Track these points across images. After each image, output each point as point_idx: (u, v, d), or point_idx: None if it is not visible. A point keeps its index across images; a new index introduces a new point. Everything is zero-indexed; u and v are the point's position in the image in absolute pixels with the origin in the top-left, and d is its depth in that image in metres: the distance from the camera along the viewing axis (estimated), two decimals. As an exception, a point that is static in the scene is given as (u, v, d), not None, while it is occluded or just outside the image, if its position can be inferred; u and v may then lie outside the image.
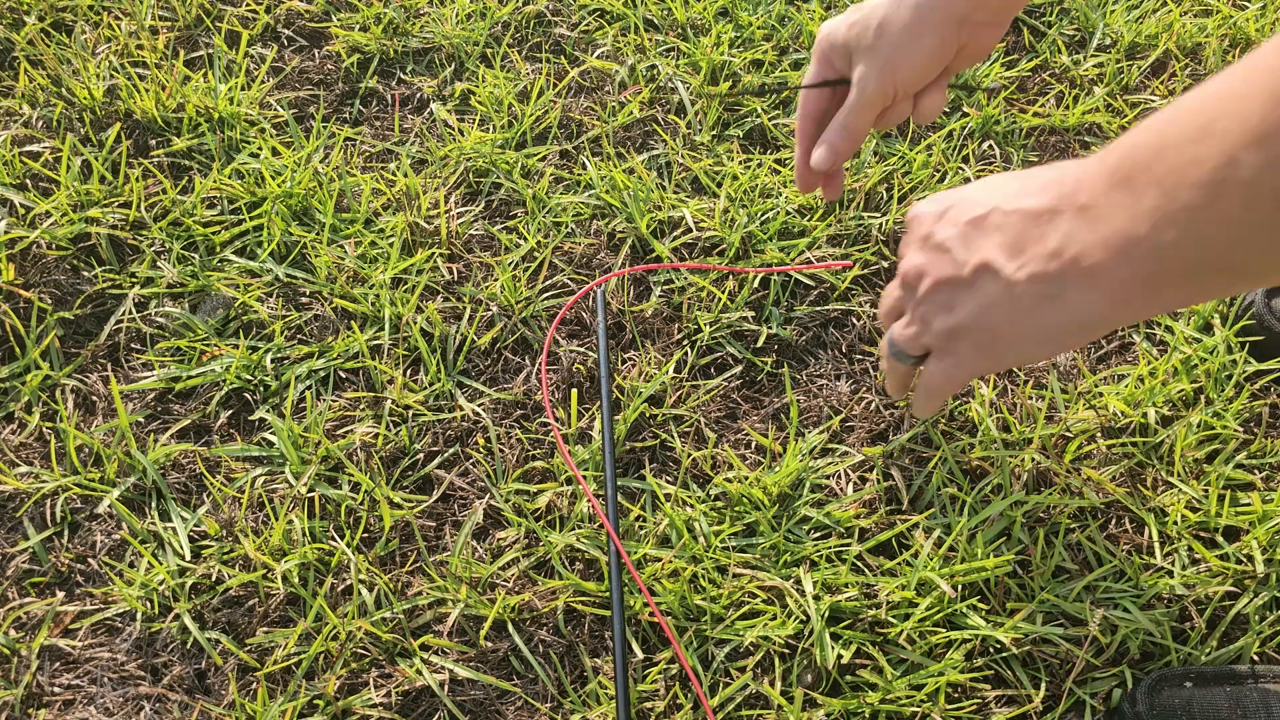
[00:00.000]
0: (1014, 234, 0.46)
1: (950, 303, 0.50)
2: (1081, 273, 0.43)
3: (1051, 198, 0.45)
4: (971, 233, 0.48)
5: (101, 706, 0.69)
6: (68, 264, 0.89)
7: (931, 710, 0.68)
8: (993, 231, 0.47)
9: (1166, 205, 0.39)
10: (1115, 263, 0.42)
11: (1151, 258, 0.41)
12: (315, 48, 1.08)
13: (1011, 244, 0.46)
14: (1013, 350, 0.49)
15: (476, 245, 0.93)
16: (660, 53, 1.07)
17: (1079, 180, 0.43)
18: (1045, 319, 0.46)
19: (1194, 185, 0.38)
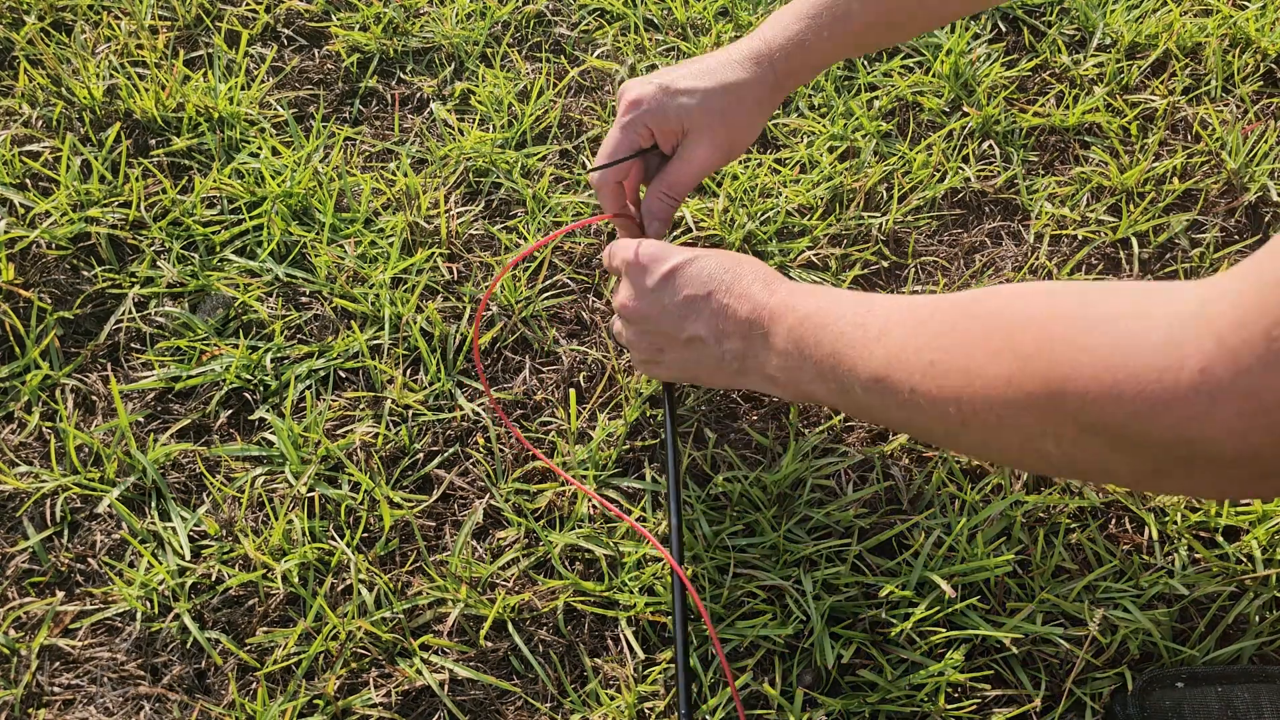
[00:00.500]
0: (721, 326, 0.63)
1: (662, 347, 0.68)
2: (762, 374, 0.63)
3: (752, 315, 0.62)
4: (688, 310, 0.64)
5: (101, 706, 0.69)
6: (67, 264, 0.89)
7: (931, 710, 0.68)
8: (706, 315, 0.64)
9: (816, 381, 0.58)
10: (783, 380, 0.61)
11: (806, 394, 0.61)
12: (315, 47, 1.08)
13: (719, 332, 0.63)
14: (705, 384, 0.71)
15: (476, 245, 0.92)
16: (660, 52, 1.07)
17: (773, 316, 0.60)
18: (734, 380, 0.66)
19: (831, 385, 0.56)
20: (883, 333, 0.52)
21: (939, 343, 0.48)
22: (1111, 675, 0.70)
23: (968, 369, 0.45)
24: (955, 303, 0.50)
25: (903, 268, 0.92)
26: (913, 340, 0.50)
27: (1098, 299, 0.41)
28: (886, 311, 0.53)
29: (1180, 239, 0.95)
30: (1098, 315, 0.40)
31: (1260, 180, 0.97)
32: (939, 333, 0.49)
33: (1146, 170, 0.98)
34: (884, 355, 0.51)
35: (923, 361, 0.48)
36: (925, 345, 0.49)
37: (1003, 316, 0.46)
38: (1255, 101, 1.05)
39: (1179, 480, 0.42)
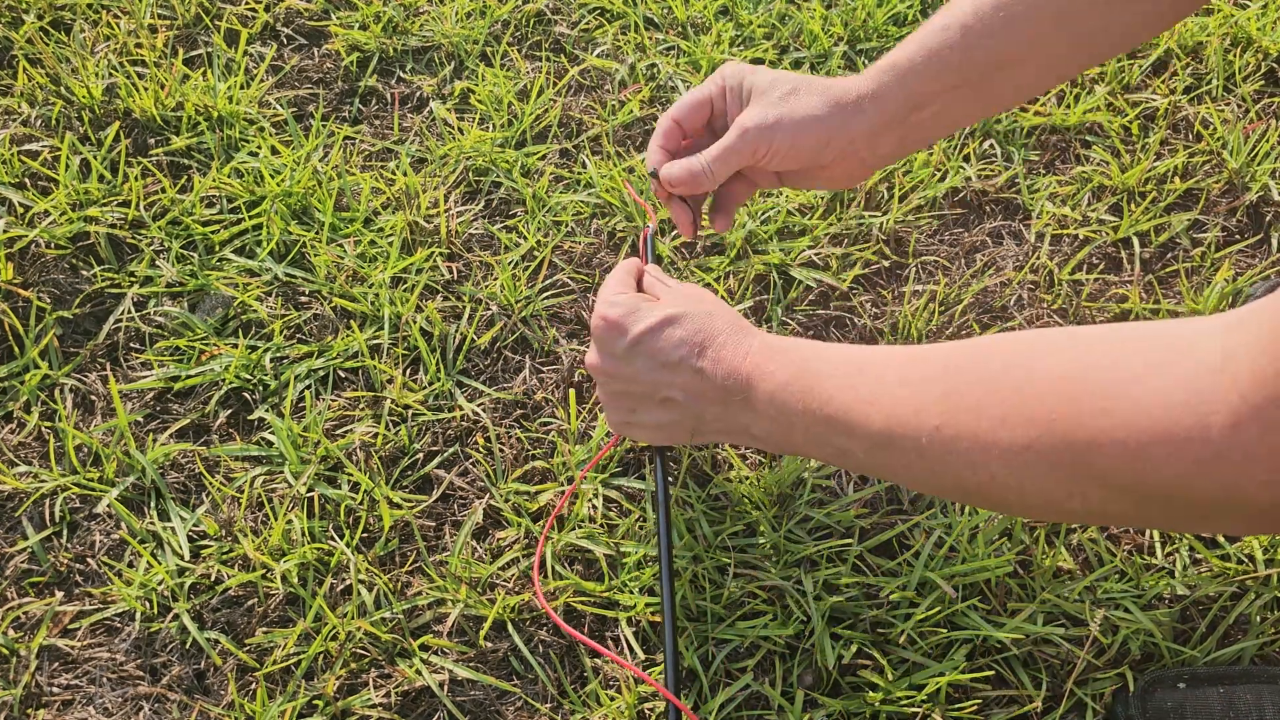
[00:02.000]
0: (698, 390, 0.61)
1: (634, 408, 0.65)
2: (747, 434, 0.62)
3: (728, 380, 0.60)
4: (662, 374, 0.62)
5: (100, 706, 0.69)
6: (66, 263, 0.89)
7: (932, 710, 0.68)
8: (681, 380, 0.62)
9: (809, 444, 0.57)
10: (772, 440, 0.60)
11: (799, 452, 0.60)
12: (314, 46, 1.07)
13: (696, 396, 0.62)
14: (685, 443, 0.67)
15: (476, 244, 0.92)
16: (660, 51, 1.07)
17: (750, 381, 0.59)
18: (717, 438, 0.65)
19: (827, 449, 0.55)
20: (875, 397, 0.50)
21: (941, 407, 0.46)
22: (1113, 676, 0.70)
23: (978, 436, 0.44)
24: (951, 362, 0.48)
25: (903, 267, 0.92)
26: (912, 404, 0.48)
27: (1109, 353, 0.40)
28: (878, 371, 0.52)
29: (1181, 238, 0.95)
30: (1115, 375, 0.39)
31: (1261, 180, 0.97)
32: (940, 396, 0.47)
33: (1148, 170, 0.97)
34: (883, 420, 0.49)
35: (928, 427, 0.46)
36: (927, 409, 0.47)
37: (1007, 380, 0.44)
38: (1256, 101, 1.04)
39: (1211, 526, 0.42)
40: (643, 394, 0.64)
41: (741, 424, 0.61)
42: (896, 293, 0.91)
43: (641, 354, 0.62)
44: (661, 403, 0.63)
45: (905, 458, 0.49)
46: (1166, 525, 0.43)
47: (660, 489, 0.68)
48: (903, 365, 0.51)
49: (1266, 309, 0.35)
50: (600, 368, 0.65)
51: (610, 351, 0.63)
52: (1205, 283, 0.91)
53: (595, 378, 0.66)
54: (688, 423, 0.64)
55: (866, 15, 1.07)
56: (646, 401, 0.64)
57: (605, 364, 0.64)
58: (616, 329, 0.63)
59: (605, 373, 0.64)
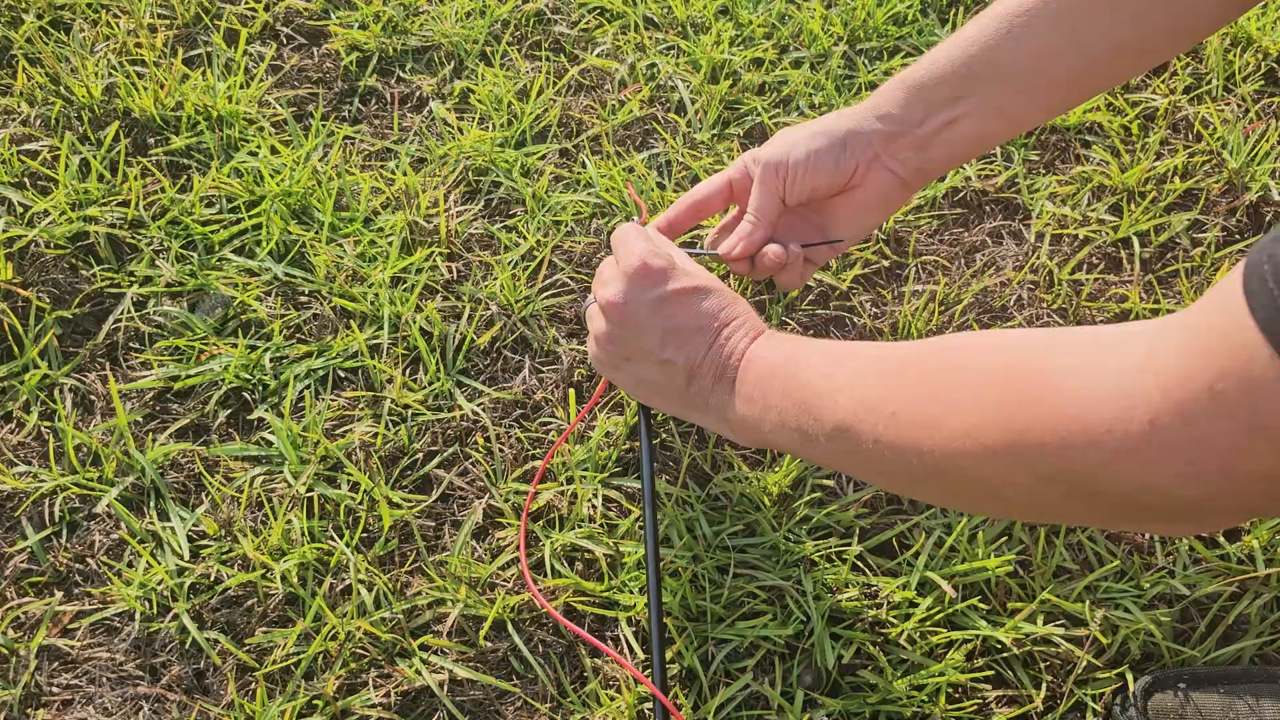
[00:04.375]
0: (700, 364, 0.63)
1: (629, 356, 0.67)
2: (720, 416, 0.63)
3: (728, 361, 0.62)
4: (675, 336, 0.64)
5: (100, 706, 0.69)
6: (66, 263, 0.89)
7: (932, 710, 0.68)
8: (689, 349, 0.63)
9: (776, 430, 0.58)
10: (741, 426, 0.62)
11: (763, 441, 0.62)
12: (314, 46, 1.07)
13: (694, 368, 0.64)
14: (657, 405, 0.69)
15: (476, 244, 0.92)
16: (660, 51, 1.07)
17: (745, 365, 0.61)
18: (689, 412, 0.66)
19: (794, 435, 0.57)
20: (847, 384, 0.53)
21: (901, 395, 0.49)
22: (1113, 675, 0.70)
23: (928, 422, 0.46)
24: (916, 355, 0.51)
25: (903, 267, 0.92)
26: (875, 392, 0.50)
27: (1052, 352, 0.42)
28: (853, 364, 0.54)
29: (1181, 238, 0.94)
30: (1052, 369, 0.41)
31: (1261, 180, 0.97)
32: (900, 385, 0.49)
33: (1147, 169, 0.97)
34: (848, 406, 0.51)
35: (885, 413, 0.49)
36: (887, 397, 0.49)
37: (962, 371, 0.46)
38: (1256, 101, 1.04)
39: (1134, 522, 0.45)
40: (647, 347, 0.65)
41: (719, 402, 0.63)
42: (896, 292, 0.91)
43: (666, 311, 0.64)
44: (660, 362, 0.64)
45: (860, 446, 0.51)
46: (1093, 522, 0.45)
47: (645, 446, 0.70)
48: (873, 359, 0.53)
49: (1193, 315, 0.36)
50: (621, 307, 0.65)
51: (638, 296, 0.64)
52: (1205, 282, 0.91)
53: (608, 314, 0.66)
54: (673, 388, 0.65)
55: (866, 15, 1.07)
56: (646, 356, 0.65)
57: (629, 306, 0.64)
58: (654, 277, 0.64)
59: (623, 314, 0.65)
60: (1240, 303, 0.33)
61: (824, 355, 0.56)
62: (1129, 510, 0.41)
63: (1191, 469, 0.35)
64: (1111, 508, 0.41)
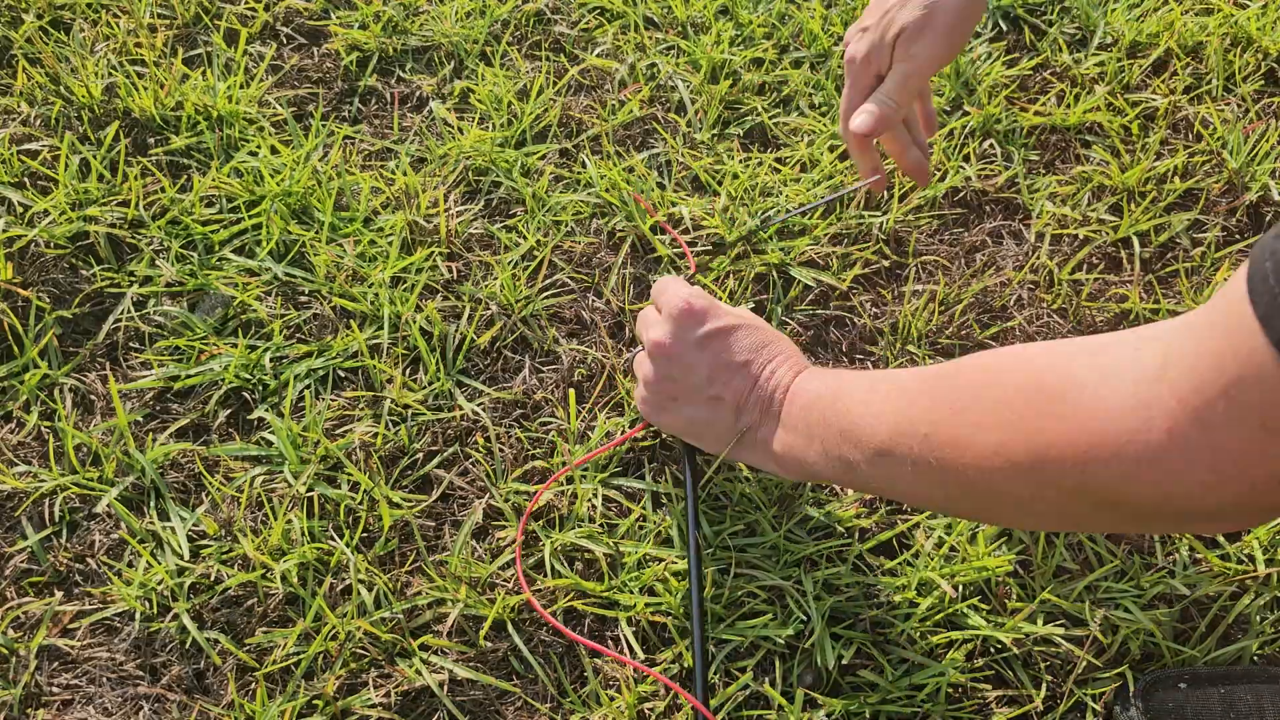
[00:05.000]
0: (746, 398, 0.66)
1: (676, 396, 0.69)
2: (766, 449, 0.65)
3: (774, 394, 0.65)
4: (722, 372, 0.66)
5: (100, 706, 0.69)
6: (66, 262, 0.89)
7: (932, 711, 0.68)
8: (736, 383, 0.66)
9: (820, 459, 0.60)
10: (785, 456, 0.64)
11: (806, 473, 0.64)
12: (314, 46, 1.07)
13: (740, 403, 0.66)
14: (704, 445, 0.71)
15: (476, 244, 0.92)
16: (660, 51, 1.07)
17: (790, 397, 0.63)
18: (735, 450, 0.68)
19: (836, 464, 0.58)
20: (883, 410, 0.54)
21: (931, 416, 0.50)
22: (1113, 675, 0.70)
23: (958, 441, 0.47)
24: (945, 375, 0.52)
25: (903, 267, 0.92)
26: (908, 413, 0.52)
27: (1072, 365, 0.43)
28: (888, 388, 0.55)
29: (1181, 238, 0.94)
30: (1072, 383, 0.41)
31: (1261, 180, 0.97)
32: (930, 406, 0.50)
33: (1148, 169, 0.97)
34: (886, 432, 0.53)
35: (918, 435, 0.50)
36: (919, 418, 0.50)
37: (987, 388, 0.47)
38: (1256, 101, 1.04)
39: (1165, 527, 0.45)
40: (694, 386, 0.67)
41: (765, 436, 0.65)
42: (896, 292, 0.91)
43: (711, 347, 0.66)
44: (708, 400, 0.67)
45: (900, 468, 0.52)
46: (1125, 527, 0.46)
47: (690, 488, 0.71)
48: (907, 381, 0.54)
49: (1200, 318, 0.36)
50: (668, 348, 0.67)
51: (683, 336, 0.67)
52: (1205, 282, 0.91)
53: (655, 356, 0.68)
54: (722, 424, 0.67)
55: (866, 15, 1.07)
56: (694, 395, 0.67)
57: (674, 346, 0.67)
58: (696, 317, 0.67)
59: (670, 354, 0.67)
60: (1245, 303, 0.33)
61: (863, 382, 0.58)
62: (1157, 517, 0.41)
63: (1213, 476, 0.35)
64: (1139, 516, 0.41)
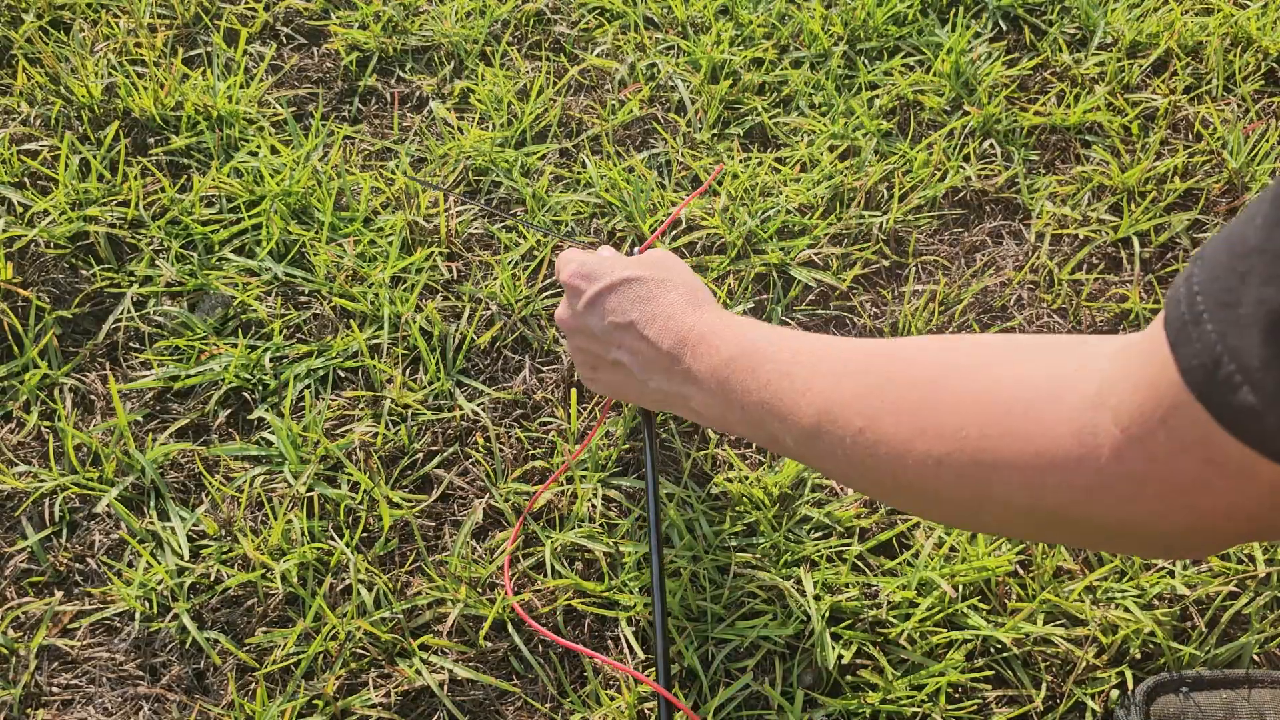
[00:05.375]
0: (644, 358, 0.62)
1: (594, 365, 0.68)
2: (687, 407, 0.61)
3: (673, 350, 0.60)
4: (612, 335, 0.64)
5: (100, 706, 0.69)
6: (66, 262, 0.89)
7: (932, 710, 0.68)
8: (628, 345, 0.63)
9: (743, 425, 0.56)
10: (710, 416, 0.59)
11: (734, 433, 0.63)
12: (314, 46, 1.07)
13: (641, 364, 0.63)
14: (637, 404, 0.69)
15: (476, 244, 0.92)
16: (660, 51, 1.07)
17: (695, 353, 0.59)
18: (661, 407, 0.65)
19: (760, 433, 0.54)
20: (808, 386, 0.50)
21: (864, 407, 0.46)
22: (1112, 675, 0.70)
23: (894, 440, 0.44)
24: (879, 362, 0.48)
25: (903, 267, 0.92)
26: (839, 397, 0.48)
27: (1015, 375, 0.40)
28: (813, 359, 0.51)
29: (1181, 238, 0.94)
30: (1015, 399, 0.39)
31: (1262, 179, 0.96)
32: (863, 395, 0.47)
33: (1148, 169, 0.97)
34: (813, 412, 0.49)
35: (852, 427, 0.47)
36: (852, 407, 0.47)
37: (929, 388, 0.44)
38: (1256, 101, 1.04)
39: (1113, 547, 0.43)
40: (598, 353, 0.66)
41: (682, 394, 0.60)
42: (896, 292, 0.91)
43: (596, 311, 0.65)
44: (613, 365, 0.65)
45: (831, 454, 0.48)
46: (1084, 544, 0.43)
47: (649, 450, 0.70)
48: (837, 357, 0.50)
49: (1138, 342, 0.34)
50: (564, 320, 0.68)
51: (573, 306, 0.67)
52: (1205, 282, 0.91)
53: (561, 330, 0.70)
54: (635, 388, 0.65)
55: (866, 15, 1.07)
56: (601, 362, 0.67)
57: (567, 317, 0.68)
58: (580, 282, 0.66)
59: (567, 326, 0.68)
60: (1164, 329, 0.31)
61: (780, 348, 0.53)
62: (1114, 539, 0.39)
63: (1161, 503, 0.34)
64: (1095, 537, 0.40)
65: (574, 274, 0.67)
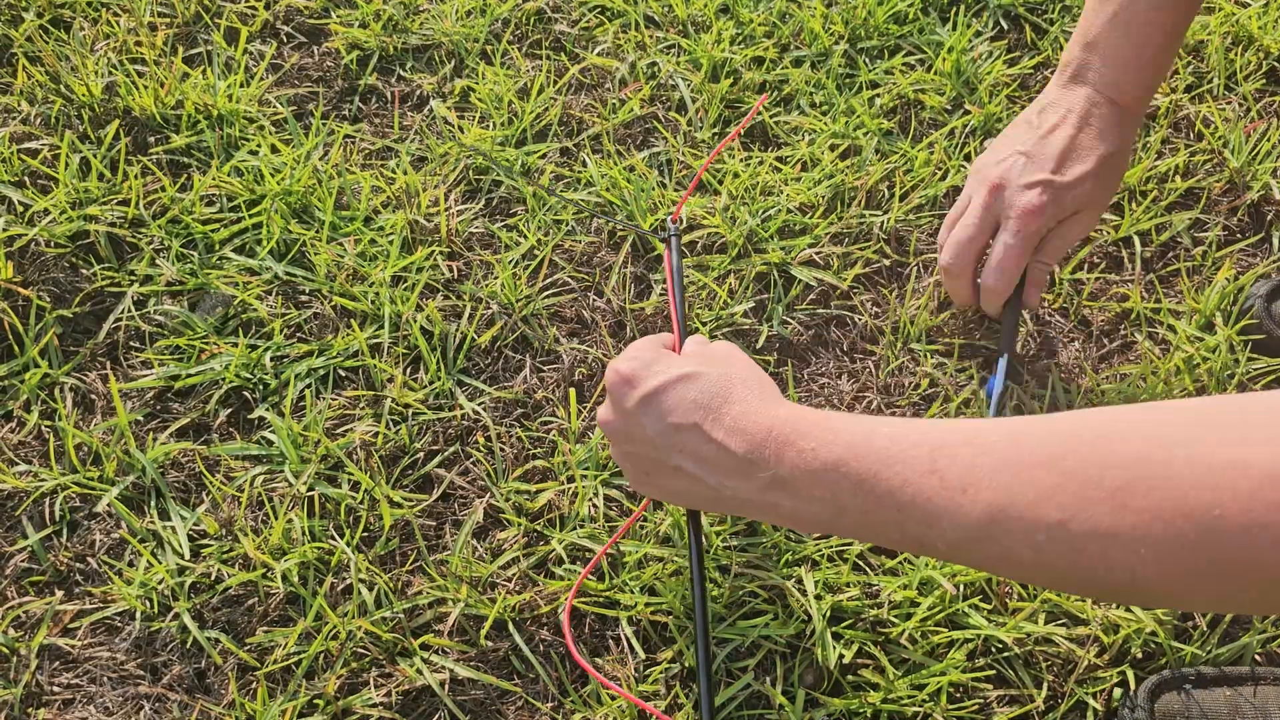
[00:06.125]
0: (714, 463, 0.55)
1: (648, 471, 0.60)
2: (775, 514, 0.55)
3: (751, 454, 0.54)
4: (673, 439, 0.57)
5: (101, 706, 0.69)
6: (66, 262, 0.89)
7: (933, 710, 0.68)
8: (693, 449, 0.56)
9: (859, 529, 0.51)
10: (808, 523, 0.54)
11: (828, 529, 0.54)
12: (314, 44, 1.07)
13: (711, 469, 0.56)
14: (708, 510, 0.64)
15: (476, 243, 0.92)
16: (661, 49, 1.07)
17: (780, 457, 0.53)
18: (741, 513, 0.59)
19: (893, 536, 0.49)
20: (971, 482, 0.44)
21: (1063, 499, 0.41)
22: (1114, 675, 0.70)
23: (1118, 530, 0.39)
24: (1062, 442, 0.43)
25: (905, 266, 0.92)
26: (1020, 491, 0.42)
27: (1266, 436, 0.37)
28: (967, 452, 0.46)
29: (1182, 237, 0.94)
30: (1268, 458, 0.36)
31: (1263, 179, 0.96)
32: (1057, 486, 0.41)
33: (1149, 168, 0.97)
34: (982, 511, 0.44)
35: (1045, 520, 0.41)
36: (1043, 500, 0.41)
37: (1150, 465, 0.39)
38: (1258, 99, 1.04)
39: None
40: (653, 458, 0.59)
41: (769, 501, 0.54)
42: (898, 292, 0.91)
43: (651, 413, 0.57)
44: (672, 471, 0.58)
45: (1011, 554, 0.43)
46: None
47: (693, 553, 0.65)
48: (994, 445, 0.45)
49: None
50: (610, 424, 0.61)
51: (620, 407, 0.59)
52: (1206, 282, 0.91)
53: (606, 435, 0.62)
54: (704, 493, 0.58)
55: (867, 13, 1.07)
56: (659, 468, 0.59)
57: (615, 420, 0.60)
58: (628, 383, 0.59)
59: (615, 430, 0.61)
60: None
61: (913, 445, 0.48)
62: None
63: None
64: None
65: (617, 370, 0.59)
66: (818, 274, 0.90)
